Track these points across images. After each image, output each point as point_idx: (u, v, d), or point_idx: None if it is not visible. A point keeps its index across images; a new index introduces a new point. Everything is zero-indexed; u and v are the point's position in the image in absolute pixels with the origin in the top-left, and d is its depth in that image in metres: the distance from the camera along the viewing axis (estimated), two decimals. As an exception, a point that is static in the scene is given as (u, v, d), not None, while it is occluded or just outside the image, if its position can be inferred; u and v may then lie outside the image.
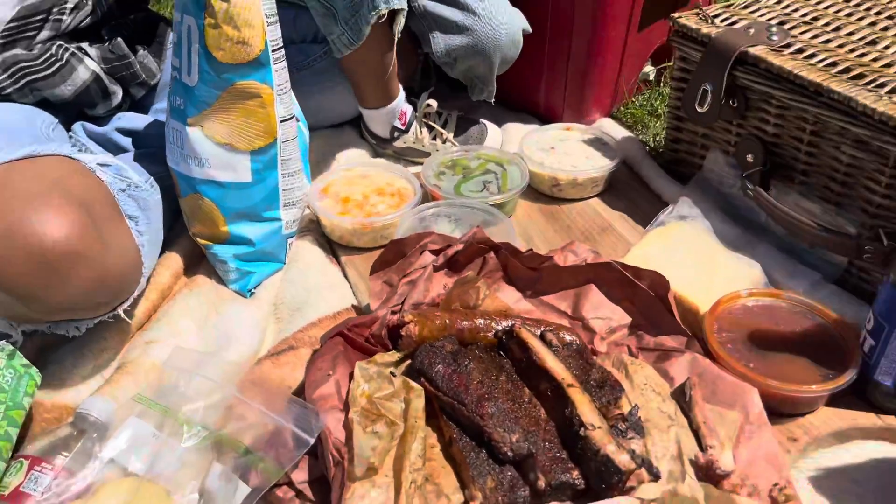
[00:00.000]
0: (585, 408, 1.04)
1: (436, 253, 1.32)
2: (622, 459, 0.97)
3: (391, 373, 1.11)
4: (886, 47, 1.39)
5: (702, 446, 1.07)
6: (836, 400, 1.17)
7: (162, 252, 1.44)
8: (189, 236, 1.45)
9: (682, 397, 1.14)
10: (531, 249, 1.31)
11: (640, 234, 1.58)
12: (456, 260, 1.31)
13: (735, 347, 1.21)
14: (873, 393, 1.17)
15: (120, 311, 1.22)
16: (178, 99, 1.34)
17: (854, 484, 1.08)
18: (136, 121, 1.56)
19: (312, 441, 1.02)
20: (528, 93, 2.01)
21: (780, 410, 1.15)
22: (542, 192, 1.71)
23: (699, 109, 1.52)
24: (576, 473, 1.00)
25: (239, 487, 0.99)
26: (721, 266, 1.39)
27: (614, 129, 1.91)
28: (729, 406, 1.12)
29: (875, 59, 1.35)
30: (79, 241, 1.06)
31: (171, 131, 1.37)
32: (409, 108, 1.79)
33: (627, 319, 1.31)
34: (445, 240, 1.34)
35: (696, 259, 1.40)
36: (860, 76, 1.31)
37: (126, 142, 1.54)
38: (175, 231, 1.50)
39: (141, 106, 1.64)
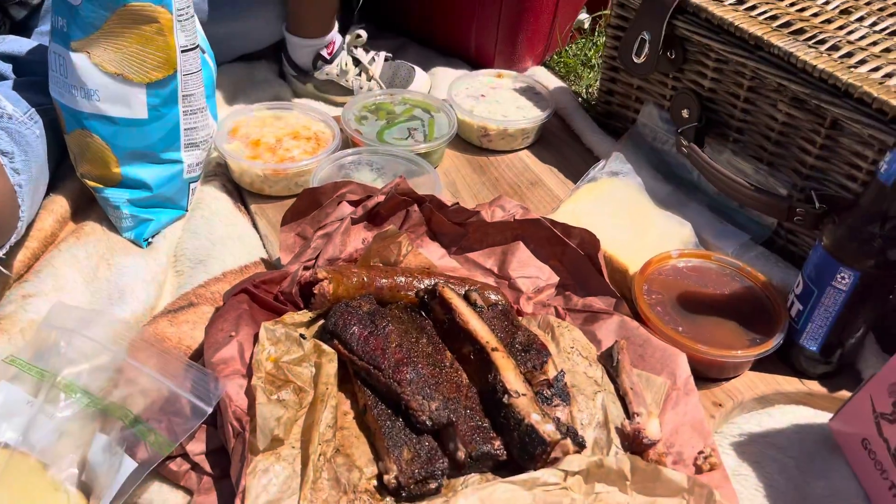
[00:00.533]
0: (510, 374, 0.98)
1: (354, 204, 1.22)
2: (547, 430, 0.91)
3: (301, 335, 1.01)
4: (827, 2, 1.35)
5: (628, 413, 1.03)
6: (760, 364, 1.15)
7: (46, 195, 1.28)
8: (77, 177, 1.29)
9: (609, 361, 1.09)
10: (457, 203, 1.23)
11: (570, 190, 1.51)
12: (376, 212, 1.21)
13: (664, 310, 1.17)
14: (798, 357, 1.15)
15: None
16: (61, 19, 1.17)
17: (776, 449, 1.07)
18: (17, 44, 1.37)
19: (210, 410, 0.92)
20: (458, 36, 1.89)
21: (706, 375, 1.13)
22: (469, 143, 1.62)
23: (636, 60, 1.45)
24: (497, 444, 0.94)
25: (124, 462, 0.88)
26: (652, 225, 1.34)
27: (547, 79, 1.83)
28: (657, 371, 1.08)
29: (815, 15, 1.31)
30: None
31: (53, 57, 1.20)
32: (338, 38, 1.66)
33: (555, 279, 1.25)
34: (365, 190, 1.24)
35: (627, 217, 1.35)
36: (801, 31, 1.26)
37: (6, 68, 1.35)
38: (61, 171, 1.33)
39: (23, 28, 1.44)
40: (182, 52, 1.22)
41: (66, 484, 0.91)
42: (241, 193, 1.43)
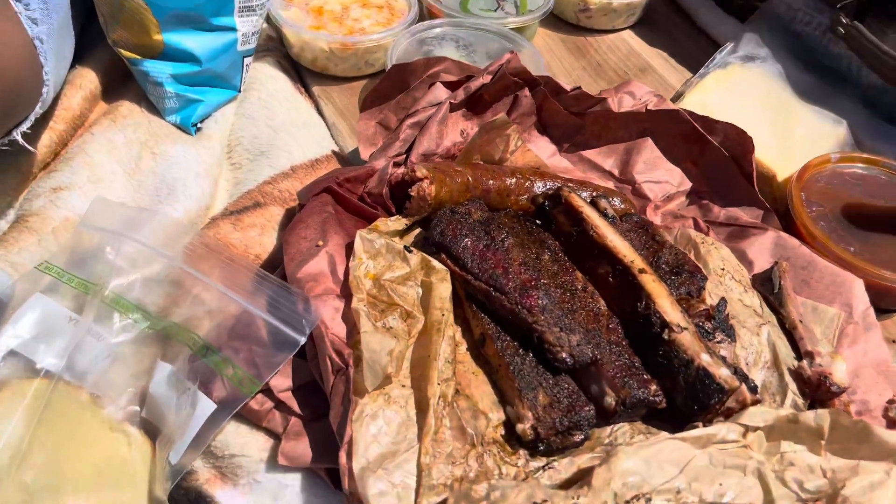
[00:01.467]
0: (665, 301, 0.79)
1: (451, 87, 0.99)
2: (723, 374, 0.73)
3: (406, 247, 0.82)
4: None
5: (799, 352, 0.85)
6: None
7: (71, 66, 1.05)
8: (108, 45, 1.06)
9: (768, 287, 0.90)
10: (579, 87, 1.00)
11: (682, 77, 1.28)
12: (479, 97, 0.99)
13: (829, 226, 0.96)
14: None
15: (16, 134, 0.87)
16: None
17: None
18: None
19: (303, 340, 0.73)
20: None
21: (876, 305, 0.93)
22: (564, 19, 1.36)
23: (784, -84, 1.18)
24: (654, 387, 0.76)
25: (199, 402, 0.71)
26: (799, 122, 1.12)
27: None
28: (826, 299, 0.89)
29: None
30: None
31: None
32: None
33: (688, 185, 1.03)
34: (464, 69, 1.01)
35: (769, 112, 1.13)
36: None
37: None
38: (88, 37, 1.10)
39: None
40: None
41: (125, 423, 0.74)
42: (300, 72, 1.20)
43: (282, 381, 0.76)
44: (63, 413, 0.73)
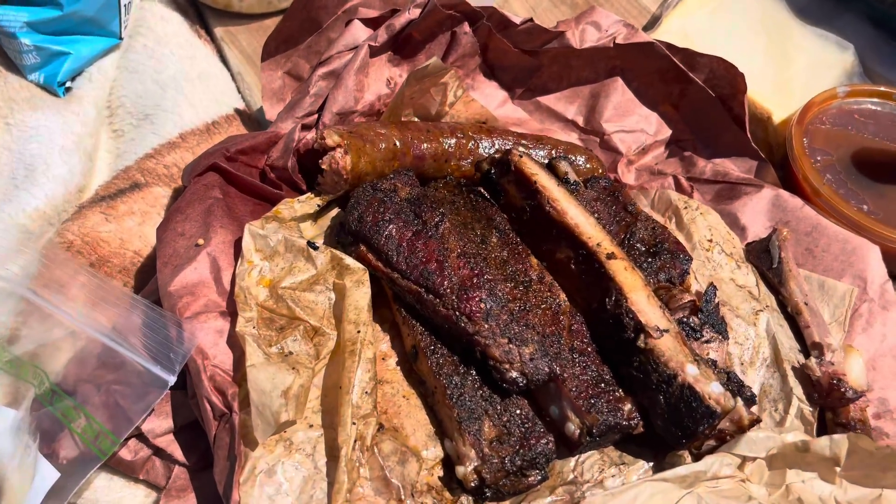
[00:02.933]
0: (639, 296, 0.63)
1: (372, 24, 0.79)
2: (713, 392, 0.58)
3: (310, 243, 0.64)
4: None
5: (805, 342, 0.69)
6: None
7: None
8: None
9: (765, 260, 0.74)
10: (531, 20, 0.81)
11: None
12: (407, 36, 0.79)
13: (837, 178, 0.80)
14: None
15: None
16: None
17: None
18: None
19: (172, 379, 0.57)
20: None
21: (893, 273, 0.78)
22: (518, -69, 1.14)
23: None
24: (628, 408, 0.61)
25: (39, 468, 0.55)
26: (797, 48, 0.94)
27: None
28: (835, 272, 0.74)
29: None
30: None
31: None
32: None
33: (666, 132, 0.86)
34: (387, 2, 0.81)
35: (761, 38, 0.94)
36: None
37: None
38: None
39: None
40: None
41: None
42: (201, 11, 0.99)
43: (159, 424, 0.60)
44: None
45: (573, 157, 0.79)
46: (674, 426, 0.59)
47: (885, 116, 0.86)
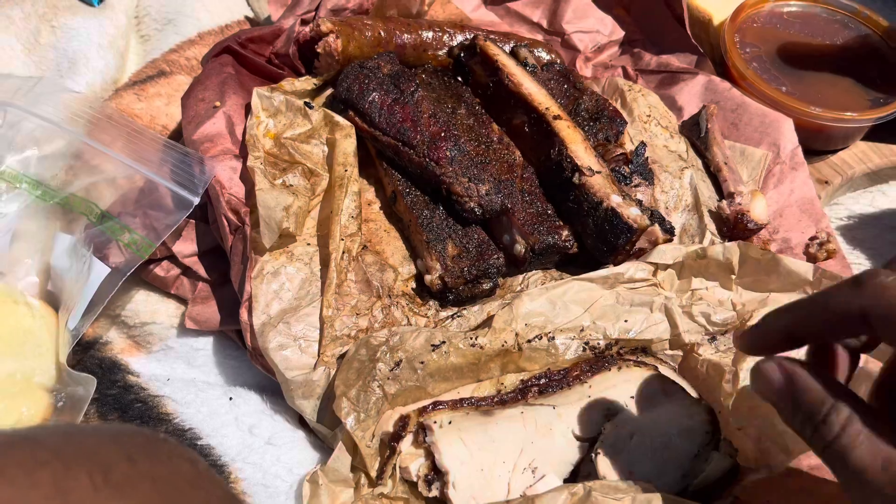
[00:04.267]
0: (578, 146, 0.76)
1: (361, -66, 0.93)
2: (631, 214, 0.71)
3: (306, 103, 0.78)
4: None
5: (723, 193, 0.83)
6: (875, 132, 0.93)
7: None
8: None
9: (695, 132, 0.87)
10: (497, -70, 0.93)
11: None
12: (391, -55, 0.92)
13: (762, 66, 0.92)
14: (924, 122, 0.93)
15: None
16: None
17: (894, 232, 0.88)
18: None
19: (196, 200, 0.71)
20: None
21: (808, 146, 0.90)
22: None
23: None
24: (566, 234, 0.75)
25: (94, 267, 0.69)
26: (741, -39, 1.05)
27: None
28: (755, 141, 0.86)
29: None
30: None
31: None
32: None
33: (620, 33, 0.99)
34: (374, -85, 0.94)
35: (708, -49, 1.06)
36: None
37: None
38: None
39: None
40: None
41: (26, 294, 0.72)
42: (214, -65, 1.12)
43: (187, 247, 0.75)
44: (-38, 288, 0.72)
45: (535, 50, 0.92)
46: (600, 242, 0.72)
47: (811, 17, 0.98)
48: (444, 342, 0.63)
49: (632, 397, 0.66)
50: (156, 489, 0.39)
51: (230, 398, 0.69)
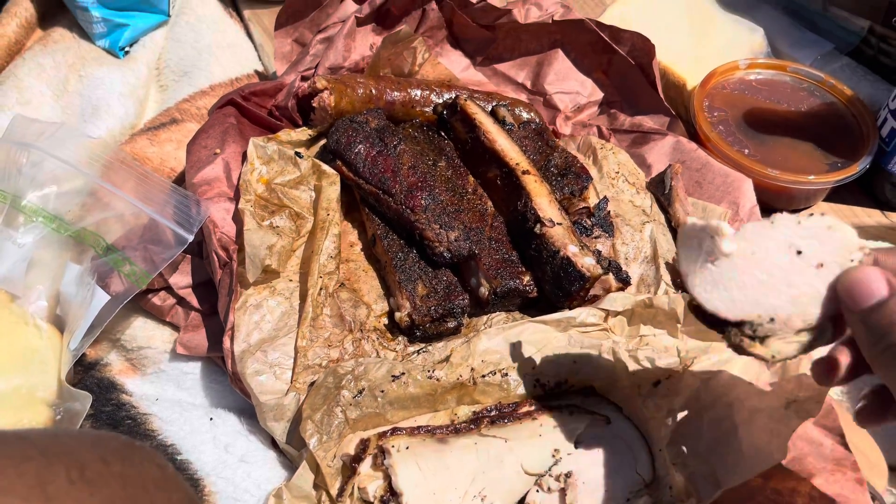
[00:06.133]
0: (543, 200, 0.83)
1: (360, 1, 1.02)
2: (586, 263, 0.77)
3: (297, 152, 0.86)
4: None
5: (680, 247, 0.88)
6: (837, 193, 0.99)
7: None
8: (38, -26, 1.10)
9: (660, 188, 0.93)
10: (484, 0, 1.02)
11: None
12: (386, 11, 1.01)
13: (728, 130, 0.99)
14: (883, 186, 0.98)
15: None
16: None
17: (848, 290, 0.92)
18: None
19: (190, 237, 0.78)
20: None
21: (772, 205, 0.96)
22: (500, -63, 1.36)
23: None
24: (527, 279, 0.81)
25: (96, 294, 0.77)
26: (717, 31, 1.13)
27: None
28: (716, 199, 0.92)
29: None
30: None
31: None
32: None
33: (599, 95, 1.06)
34: (373, -16, 1.03)
35: (686, 22, 1.14)
36: None
37: None
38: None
39: None
40: None
41: (36, 318, 0.80)
42: (233, -4, 1.23)
43: (182, 279, 0.82)
44: (-20, 309, 0.80)
45: (516, 108, 1.00)
46: (556, 288, 0.78)
47: (777, 84, 1.04)
48: (403, 373, 0.70)
49: (579, 440, 0.71)
50: (124, 487, 0.46)
51: (210, 418, 0.76)
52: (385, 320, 0.81)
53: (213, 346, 0.80)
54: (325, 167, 0.85)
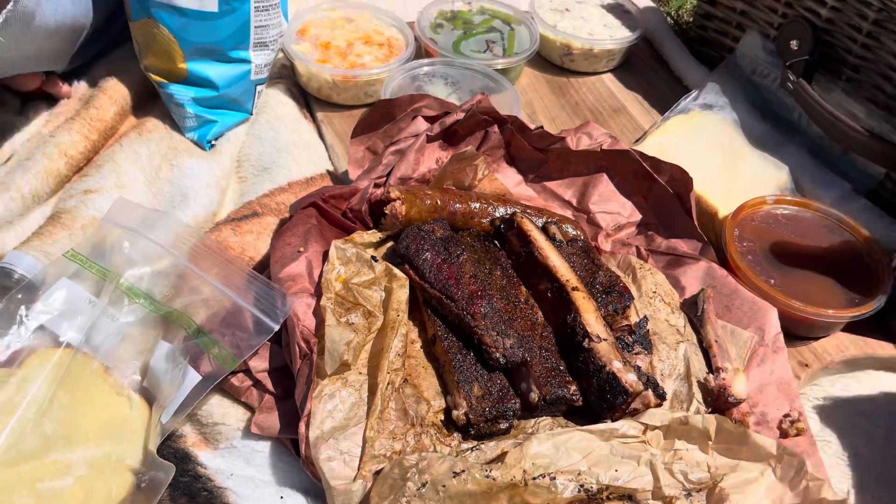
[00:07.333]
0: (591, 316, 0.92)
1: (431, 120, 1.14)
2: (629, 379, 0.86)
3: (373, 257, 0.96)
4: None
5: (711, 367, 0.97)
6: (853, 325, 1.07)
7: (103, 75, 1.22)
8: (140, 69, 1.22)
9: (693, 310, 1.03)
10: (541, 127, 1.14)
11: (654, 119, 1.41)
12: (454, 131, 1.13)
13: (756, 259, 1.09)
14: (895, 322, 1.07)
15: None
16: None
17: (863, 417, 1.01)
18: None
19: (277, 327, 0.87)
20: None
21: (793, 332, 1.05)
22: (549, 60, 1.50)
23: (746, -20, 1.31)
24: (573, 388, 0.89)
25: (188, 374, 0.85)
26: (746, 166, 1.24)
27: (635, -4, 1.68)
28: (744, 324, 1.01)
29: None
30: None
31: (123, -64, 1.11)
32: None
33: (637, 216, 1.17)
34: (443, 105, 1.15)
35: (719, 155, 1.25)
36: (947, -41, 1.11)
37: None
38: (120, 59, 1.27)
39: None
40: (259, -61, 1.12)
41: (128, 389, 0.89)
42: (307, 99, 1.36)
43: (260, 363, 0.91)
44: (79, 378, 0.88)
45: (563, 225, 1.10)
46: (601, 400, 0.87)
47: (802, 220, 1.15)
48: (464, 471, 0.77)
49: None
50: None
51: (281, 497, 0.83)
52: (442, 416, 0.89)
53: (284, 428, 0.88)
54: (397, 271, 0.95)
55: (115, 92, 1.23)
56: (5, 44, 1.01)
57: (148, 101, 1.28)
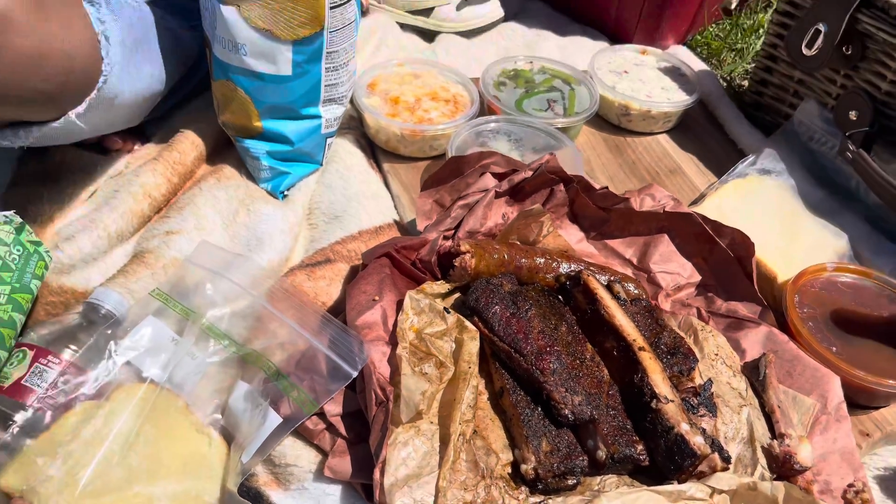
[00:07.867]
0: (658, 377, 0.94)
1: (498, 177, 1.18)
2: (697, 442, 0.87)
3: (445, 308, 0.99)
4: None
5: (774, 433, 0.98)
6: (914, 396, 1.08)
7: (180, 128, 1.29)
8: (216, 121, 1.29)
9: (754, 374, 1.04)
10: (606, 187, 1.17)
11: (709, 181, 1.44)
12: (521, 188, 1.17)
13: (816, 326, 1.10)
14: (958, 395, 1.07)
15: (72, 115, 1.01)
16: (212, -31, 1.15)
17: (926, 491, 1.00)
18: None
19: (355, 374, 0.91)
20: (597, 5, 1.81)
21: (853, 400, 1.06)
22: (607, 120, 1.55)
23: (805, 52, 1.35)
24: (640, 448, 0.91)
25: (269, 416, 0.89)
26: (804, 232, 1.26)
27: (690, 60, 1.73)
28: (806, 391, 1.02)
29: None
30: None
31: (205, 5, 1.18)
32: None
33: (697, 278, 1.19)
34: (510, 163, 1.19)
35: (777, 220, 1.27)
36: None
37: None
38: (198, 108, 1.34)
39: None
40: (331, 7, 1.17)
41: (209, 427, 0.92)
42: (374, 150, 1.41)
43: (334, 408, 0.94)
44: (163, 414, 0.92)
45: (626, 283, 1.13)
46: (668, 461, 0.88)
47: (861, 289, 1.16)
48: (535, 525, 0.79)
49: None
50: None
51: (352, 540, 0.85)
52: (509, 469, 0.91)
53: (356, 472, 0.90)
54: (468, 323, 0.98)
55: (195, 139, 1.30)
56: (85, 128, 1.08)
57: (223, 149, 1.34)
